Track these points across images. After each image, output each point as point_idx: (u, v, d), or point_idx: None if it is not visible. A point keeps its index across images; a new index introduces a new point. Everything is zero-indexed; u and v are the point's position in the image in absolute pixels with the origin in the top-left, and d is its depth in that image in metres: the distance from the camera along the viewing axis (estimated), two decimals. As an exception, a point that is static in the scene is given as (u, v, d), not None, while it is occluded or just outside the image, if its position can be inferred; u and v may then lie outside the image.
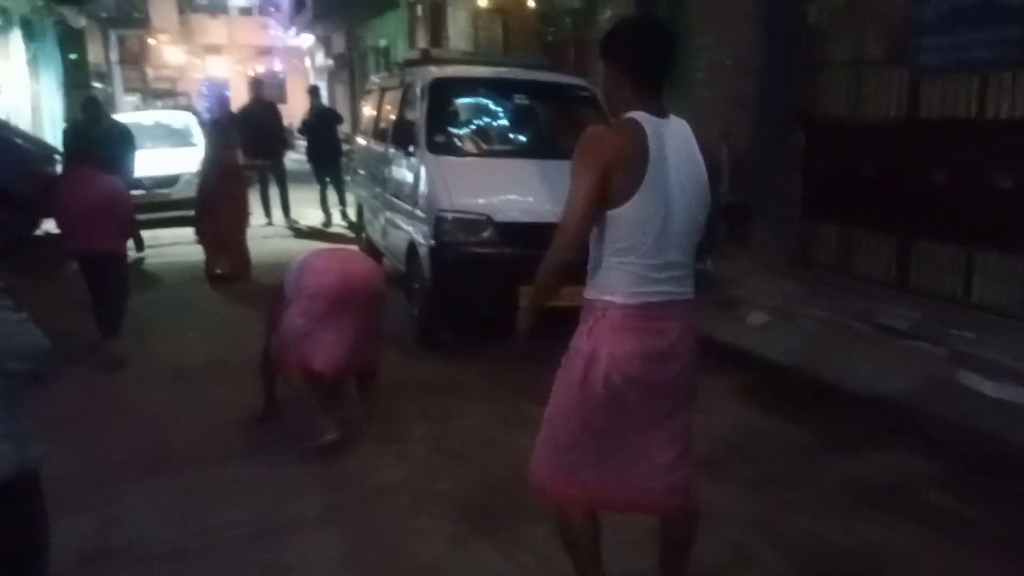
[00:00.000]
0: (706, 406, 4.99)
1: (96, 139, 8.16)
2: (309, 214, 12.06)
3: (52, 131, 14.04)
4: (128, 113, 15.81)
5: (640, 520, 2.90)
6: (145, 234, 9.81)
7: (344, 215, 11.89)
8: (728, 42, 7.72)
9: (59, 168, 9.89)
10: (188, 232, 9.21)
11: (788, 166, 7.32)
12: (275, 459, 4.22)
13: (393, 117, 7.49)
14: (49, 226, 10.37)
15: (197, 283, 8.44)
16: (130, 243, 7.48)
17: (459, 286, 5.81)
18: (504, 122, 6.93)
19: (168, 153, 12.17)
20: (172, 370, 5.69)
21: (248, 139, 9.70)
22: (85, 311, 6.18)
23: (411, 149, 6.60)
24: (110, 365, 5.70)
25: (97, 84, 15.43)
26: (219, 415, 4.83)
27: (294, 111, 24.07)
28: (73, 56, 11.76)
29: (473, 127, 6.87)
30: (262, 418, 4.68)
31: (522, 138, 6.85)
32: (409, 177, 6.61)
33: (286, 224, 11.62)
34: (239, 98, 29.16)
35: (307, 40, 29.26)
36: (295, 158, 13.90)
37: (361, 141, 9.29)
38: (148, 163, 10.80)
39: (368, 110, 9.27)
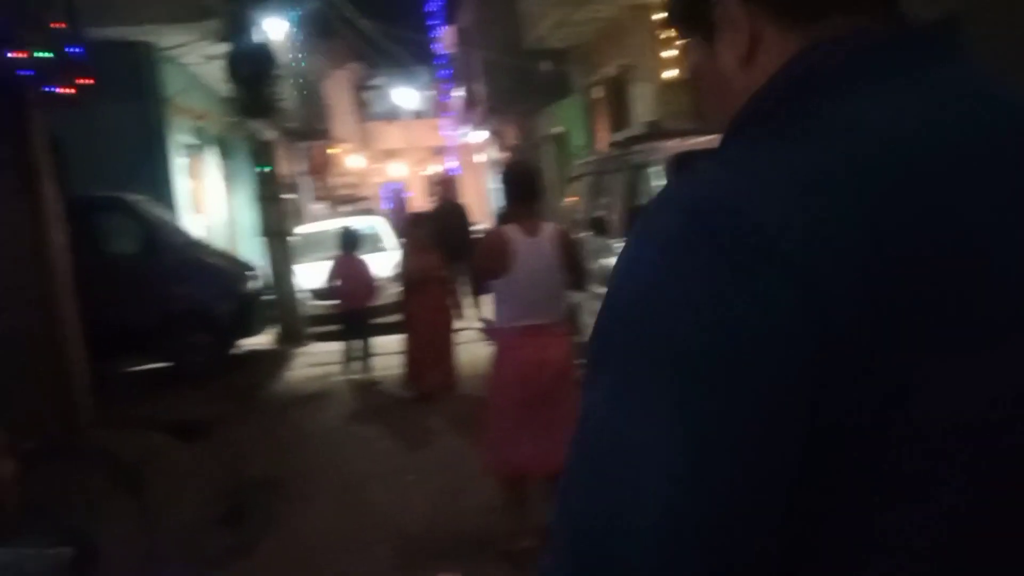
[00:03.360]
0: None
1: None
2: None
3: (247, 243, 14.01)
4: (318, 222, 15.79)
5: None
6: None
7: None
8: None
9: (252, 285, 10.07)
10: (388, 340, 8.63)
11: None
12: None
13: (620, 205, 6.37)
14: (246, 343, 10.07)
15: (406, 406, 7.58)
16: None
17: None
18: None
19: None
20: (394, 533, 4.66)
21: (439, 242, 8.88)
22: (288, 449, 5.91)
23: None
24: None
25: (288, 195, 15.50)
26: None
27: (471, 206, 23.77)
28: (265, 168, 11.63)
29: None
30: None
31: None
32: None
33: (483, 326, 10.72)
34: (417, 198, 29.63)
35: (480, 136, 29.47)
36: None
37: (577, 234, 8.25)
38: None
39: (577, 199, 8.26)
